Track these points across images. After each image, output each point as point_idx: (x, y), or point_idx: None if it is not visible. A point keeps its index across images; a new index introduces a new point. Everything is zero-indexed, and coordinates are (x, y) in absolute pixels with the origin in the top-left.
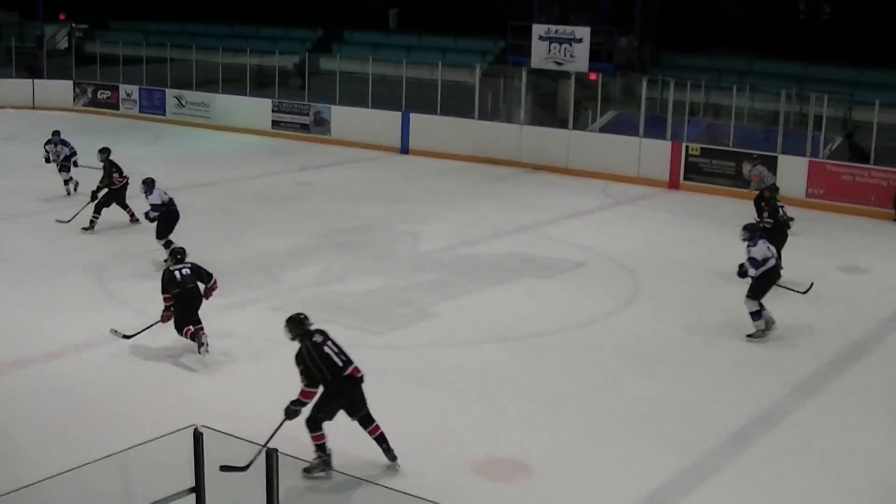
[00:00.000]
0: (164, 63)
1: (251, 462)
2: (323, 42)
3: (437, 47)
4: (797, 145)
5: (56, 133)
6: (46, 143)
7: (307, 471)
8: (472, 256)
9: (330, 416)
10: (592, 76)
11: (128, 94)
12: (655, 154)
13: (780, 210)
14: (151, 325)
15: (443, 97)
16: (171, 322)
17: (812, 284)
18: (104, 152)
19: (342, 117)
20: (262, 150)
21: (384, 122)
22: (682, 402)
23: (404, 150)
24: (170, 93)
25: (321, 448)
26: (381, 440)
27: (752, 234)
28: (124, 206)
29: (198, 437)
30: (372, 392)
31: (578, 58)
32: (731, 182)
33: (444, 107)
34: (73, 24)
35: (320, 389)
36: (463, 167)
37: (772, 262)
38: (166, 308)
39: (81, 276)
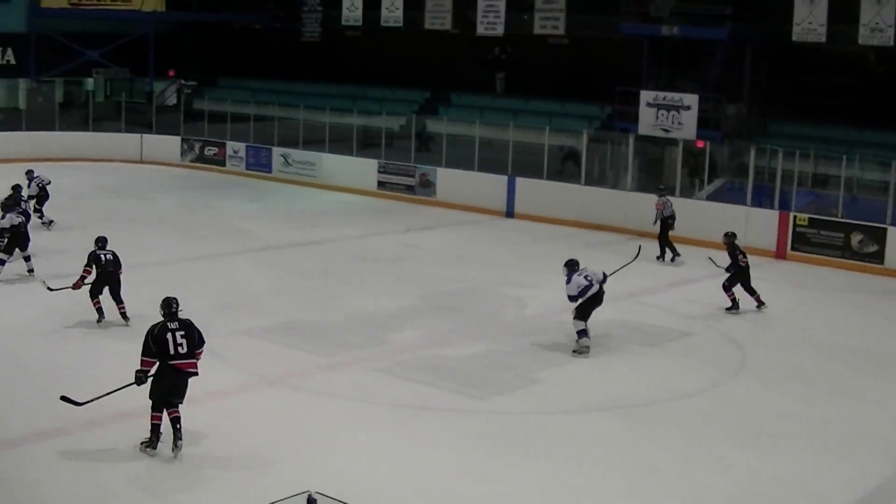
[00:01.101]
0: (272, 121)
1: (90, 401)
2: (430, 104)
3: (544, 112)
4: None
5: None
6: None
7: (142, 443)
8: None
9: (156, 398)
10: (700, 144)
11: (235, 152)
12: (763, 223)
13: (739, 249)
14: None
15: (549, 162)
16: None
17: (640, 248)
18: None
19: (448, 179)
20: (367, 210)
21: (490, 186)
22: (789, 479)
23: (509, 213)
24: (276, 151)
25: (154, 428)
26: (177, 421)
27: (568, 269)
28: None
29: None
30: (473, 458)
31: (686, 125)
32: (838, 253)
33: (550, 171)
34: (183, 81)
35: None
36: (568, 232)
37: (594, 289)
38: (81, 278)
39: None
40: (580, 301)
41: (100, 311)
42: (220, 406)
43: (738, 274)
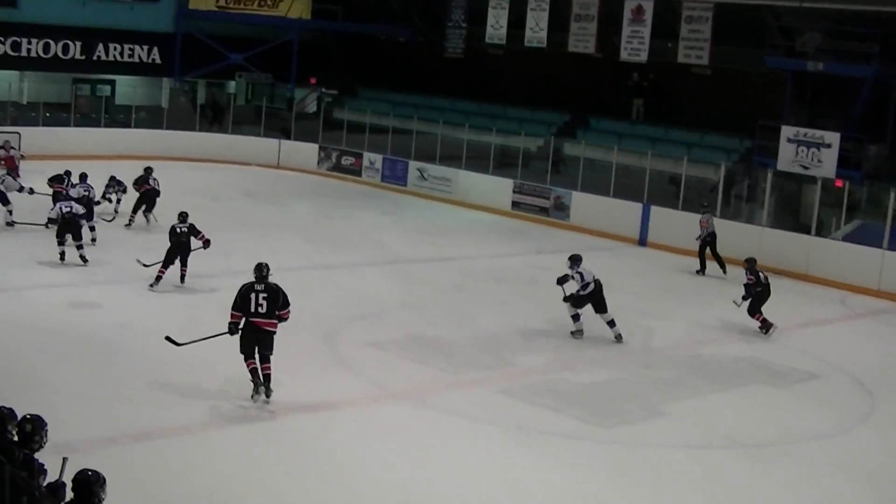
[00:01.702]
0: (410, 134)
1: (189, 342)
2: (569, 127)
3: (683, 141)
4: None
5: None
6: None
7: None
8: (704, 357)
9: (245, 350)
10: (839, 183)
11: (371, 163)
12: None
13: (761, 273)
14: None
15: (685, 192)
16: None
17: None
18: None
19: (582, 204)
20: (500, 229)
21: (624, 213)
22: None
23: (642, 242)
24: (413, 164)
25: (253, 373)
26: (267, 379)
27: (573, 263)
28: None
29: None
30: (593, 487)
31: (826, 163)
32: None
33: (685, 202)
34: (324, 90)
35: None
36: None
37: (592, 286)
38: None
39: (313, 337)
40: (580, 293)
41: (158, 278)
42: (345, 416)
43: (760, 296)
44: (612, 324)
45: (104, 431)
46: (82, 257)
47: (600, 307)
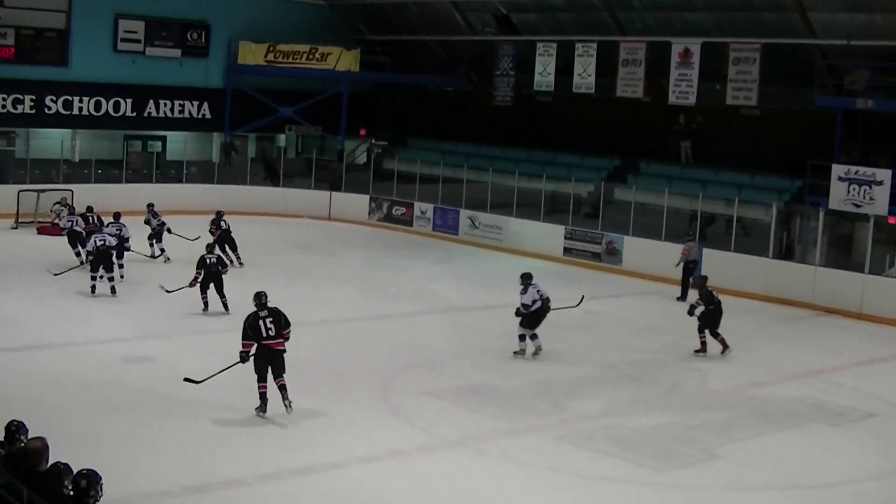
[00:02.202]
0: (460, 183)
1: (207, 378)
2: (619, 172)
3: (733, 183)
4: None
5: (150, 205)
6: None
7: (256, 409)
8: (760, 398)
9: (259, 372)
10: (892, 220)
11: (422, 212)
12: None
13: (713, 294)
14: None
15: (737, 234)
16: None
17: (583, 298)
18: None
19: (634, 248)
20: (552, 275)
21: (677, 256)
22: None
23: (695, 285)
24: (464, 213)
25: (262, 396)
26: (283, 390)
27: (523, 281)
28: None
29: None
30: None
31: (878, 200)
32: None
33: (737, 243)
34: (373, 141)
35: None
36: (753, 306)
37: (538, 304)
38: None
39: (368, 387)
40: (528, 312)
41: (206, 303)
42: (400, 466)
43: (709, 316)
44: (534, 336)
45: (159, 485)
46: (112, 289)
47: (536, 324)
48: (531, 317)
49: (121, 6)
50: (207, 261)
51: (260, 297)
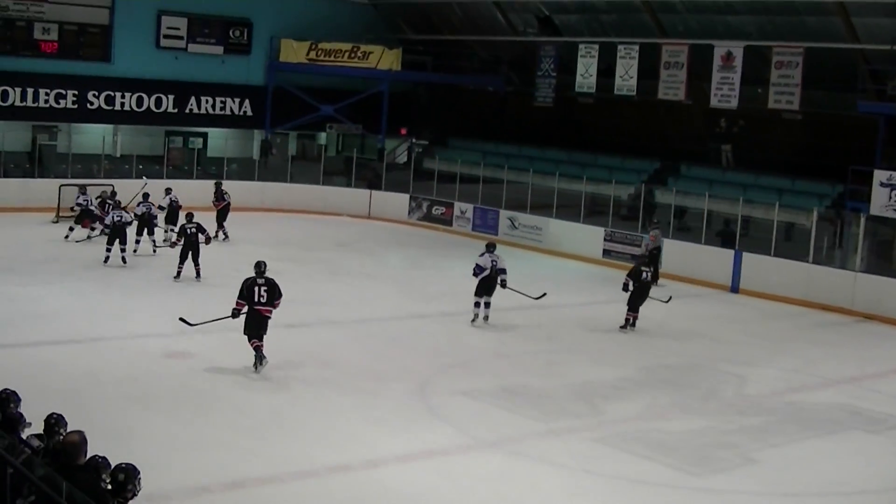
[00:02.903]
0: (500, 184)
1: (200, 323)
2: (659, 174)
3: (774, 187)
4: None
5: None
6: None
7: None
8: (798, 404)
9: (249, 332)
10: None
11: (462, 212)
12: None
13: (644, 273)
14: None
15: (777, 239)
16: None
17: (545, 294)
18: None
19: (674, 251)
20: (591, 278)
21: (716, 260)
22: None
23: (734, 289)
24: (503, 213)
25: (257, 349)
26: (259, 350)
27: (486, 248)
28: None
29: None
30: None
31: None
32: None
33: (777, 248)
34: (414, 140)
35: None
36: (792, 311)
37: (486, 272)
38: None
39: (405, 386)
40: (478, 277)
41: (179, 272)
42: (437, 466)
43: (639, 290)
44: (487, 304)
45: (197, 480)
46: (123, 259)
47: (489, 292)
48: (481, 283)
49: (164, 3)
50: (188, 231)
51: (259, 266)
